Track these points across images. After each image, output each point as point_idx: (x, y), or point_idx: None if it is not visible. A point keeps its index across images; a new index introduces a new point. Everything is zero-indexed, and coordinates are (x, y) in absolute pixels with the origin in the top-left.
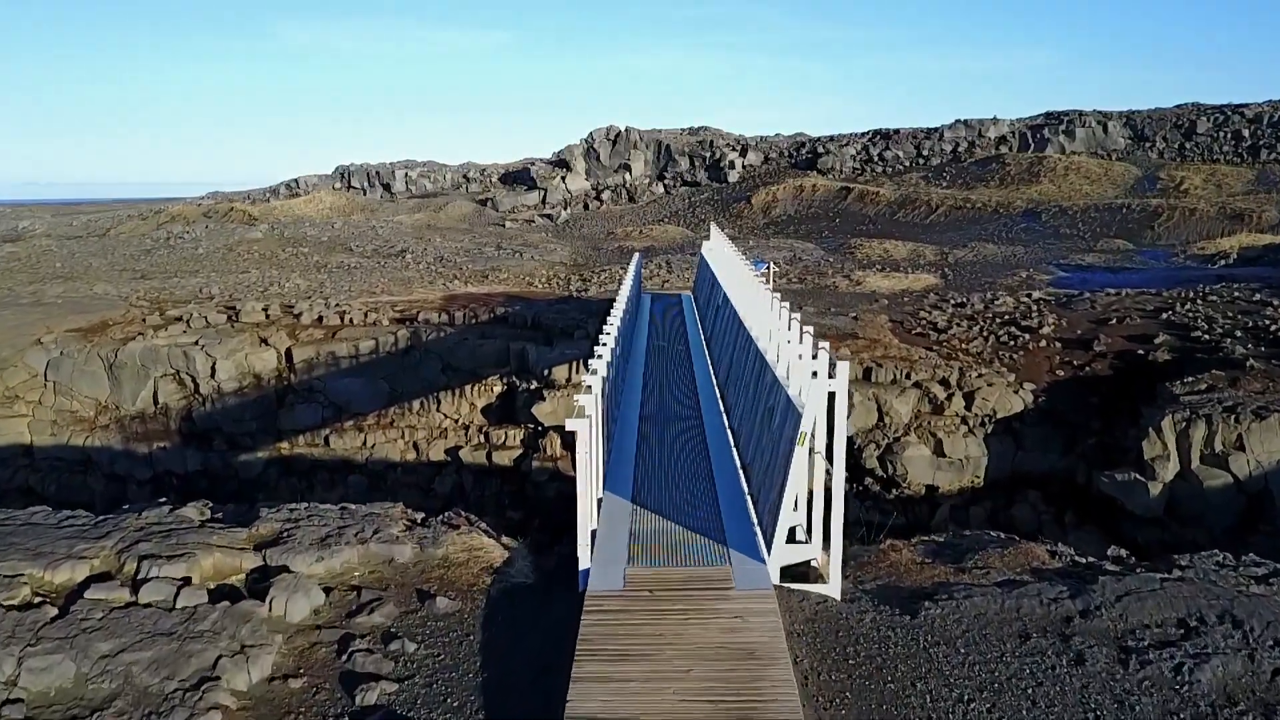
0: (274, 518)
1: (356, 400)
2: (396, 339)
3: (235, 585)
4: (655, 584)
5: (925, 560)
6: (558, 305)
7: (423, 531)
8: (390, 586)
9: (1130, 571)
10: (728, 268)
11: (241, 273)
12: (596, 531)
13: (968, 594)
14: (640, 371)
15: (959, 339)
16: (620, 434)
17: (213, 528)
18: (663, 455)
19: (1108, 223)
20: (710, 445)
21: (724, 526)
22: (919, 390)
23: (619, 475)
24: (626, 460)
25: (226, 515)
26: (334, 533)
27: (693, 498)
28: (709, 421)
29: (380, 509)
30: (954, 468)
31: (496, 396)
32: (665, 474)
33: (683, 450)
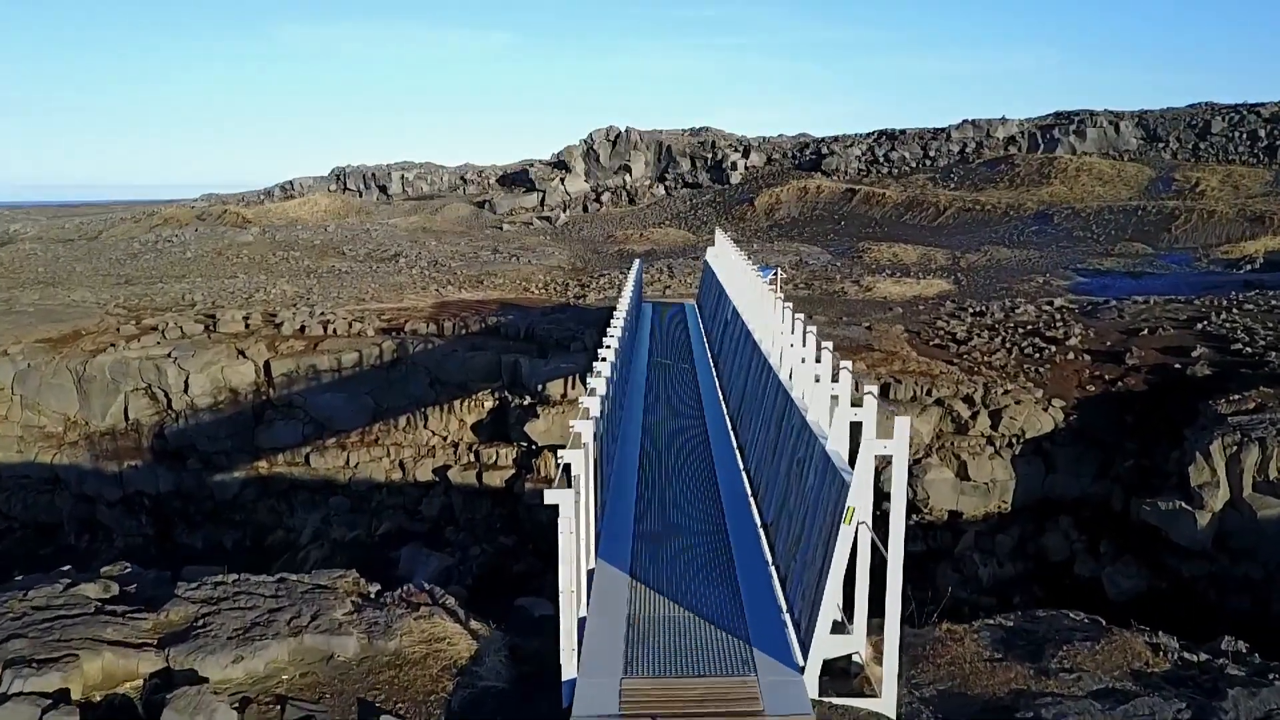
0: (192, 596)
1: (339, 416)
2: (381, 351)
3: (128, 696)
4: (660, 703)
5: (995, 655)
6: (554, 314)
7: (374, 614)
8: (326, 695)
9: (1263, 677)
10: (735, 278)
11: (229, 278)
12: (586, 620)
13: (1058, 710)
14: (640, 396)
15: (980, 351)
16: (617, 481)
17: (112, 612)
18: (667, 508)
19: (1123, 225)
20: (723, 494)
21: (745, 611)
22: (941, 408)
23: (615, 536)
24: (624, 514)
25: (141, 587)
26: (262, 619)
27: (705, 569)
28: (721, 461)
29: (327, 579)
30: (979, 492)
31: (487, 413)
32: (671, 535)
33: (691, 502)
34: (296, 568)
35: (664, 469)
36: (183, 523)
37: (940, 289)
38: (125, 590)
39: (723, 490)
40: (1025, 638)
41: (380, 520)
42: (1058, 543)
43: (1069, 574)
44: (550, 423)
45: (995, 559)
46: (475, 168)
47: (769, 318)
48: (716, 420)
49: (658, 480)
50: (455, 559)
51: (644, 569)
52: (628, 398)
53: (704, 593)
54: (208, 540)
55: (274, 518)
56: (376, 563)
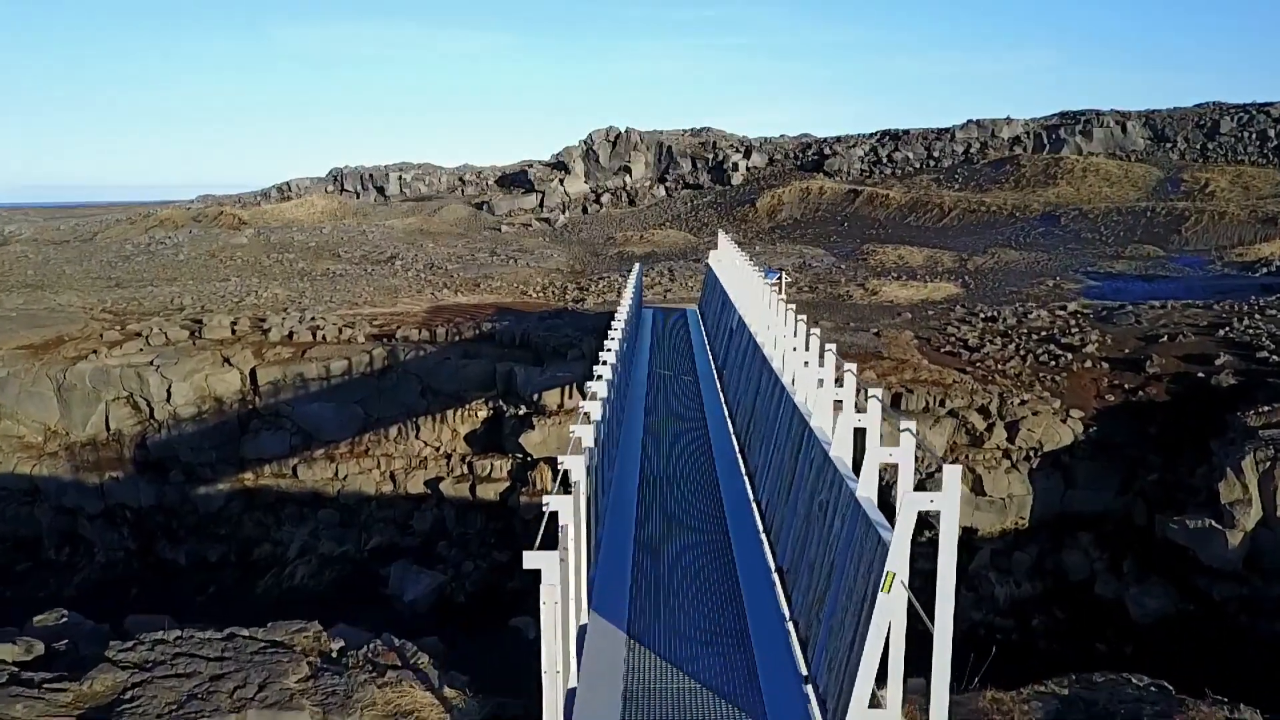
0: (124, 660)
1: (327, 426)
2: (372, 358)
3: None
4: None
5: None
6: (550, 320)
7: (333, 680)
8: None
9: None
10: (740, 285)
11: (221, 281)
12: (575, 692)
13: None
14: (640, 413)
15: (994, 359)
16: (612, 518)
17: (29, 681)
18: (669, 549)
19: (1131, 227)
20: (732, 533)
21: (759, 677)
22: (955, 420)
23: (610, 582)
24: (620, 560)
25: (72, 643)
26: (201, 689)
27: (712, 624)
28: (728, 492)
29: (284, 633)
30: (995, 508)
31: (481, 423)
32: (673, 580)
33: (696, 542)
34: (282, 583)
35: (665, 503)
36: (166, 537)
37: (948, 292)
38: (52, 648)
39: (732, 527)
40: (1084, 710)
41: (370, 534)
42: (1078, 561)
43: (1090, 594)
44: (546, 434)
45: (1012, 578)
46: (474, 169)
47: (779, 330)
48: (723, 442)
49: (657, 514)
50: (447, 576)
51: (643, 627)
52: (626, 411)
53: (712, 657)
54: (192, 555)
55: (260, 531)
56: (365, 579)
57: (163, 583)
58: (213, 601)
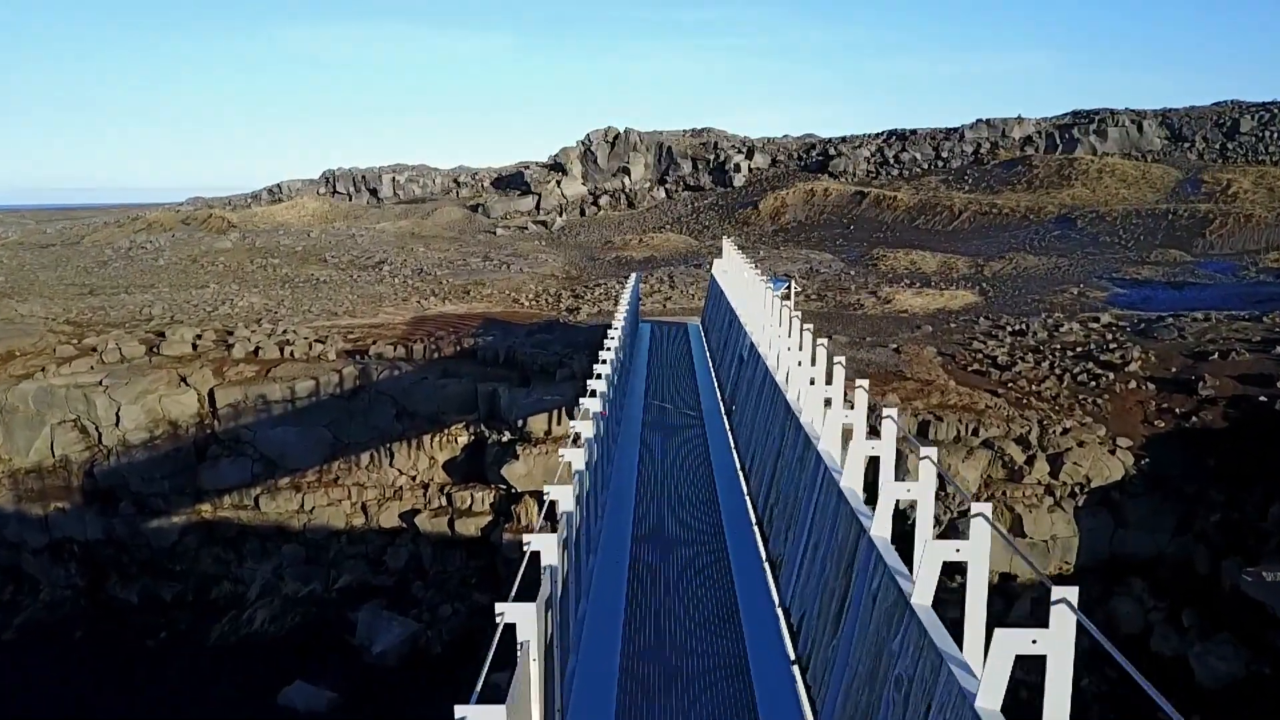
0: None
1: (292, 453)
2: (342, 378)
3: None
4: None
5: None
6: (539, 334)
7: None
8: None
9: None
10: (752, 304)
11: (199, 288)
12: None
13: None
14: (634, 457)
15: (1027, 379)
16: (594, 607)
17: None
18: (667, 659)
19: (1152, 230)
20: (745, 625)
21: None
22: (990, 451)
23: (592, 687)
24: (608, 657)
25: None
26: None
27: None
28: (742, 575)
29: None
30: (1037, 551)
31: (462, 449)
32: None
33: (702, 640)
34: (241, 629)
35: (663, 585)
36: (117, 573)
37: (966, 301)
38: None
39: (745, 619)
40: None
41: (339, 572)
42: (1131, 611)
43: (1146, 650)
44: (531, 465)
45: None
46: (469, 170)
47: (798, 368)
48: (733, 499)
49: (652, 598)
50: (422, 624)
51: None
52: (614, 468)
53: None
54: (145, 593)
55: (219, 568)
56: (332, 625)
57: (112, 624)
58: (166, 647)
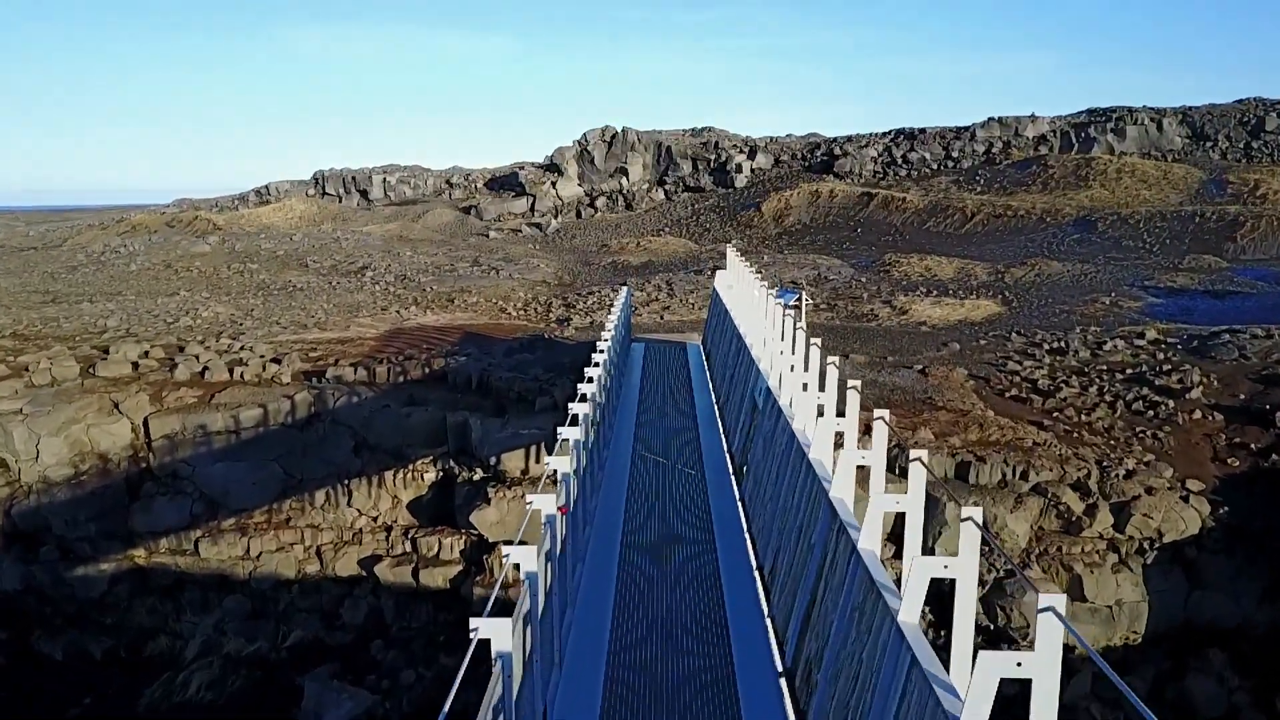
0: None
1: (237, 491)
2: (294, 404)
3: None
4: None
5: None
6: (520, 353)
7: None
8: None
9: None
10: (763, 328)
11: (168, 295)
12: None
13: None
14: (616, 540)
15: (1074, 407)
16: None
17: None
18: None
19: (1178, 233)
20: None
21: None
22: (1042, 499)
23: None
24: None
25: None
26: None
27: None
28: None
29: None
30: (1099, 618)
31: (428, 488)
32: None
33: None
34: (174, 694)
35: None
36: (40, 626)
37: (988, 311)
38: None
39: None
40: None
41: (288, 628)
42: (1209, 690)
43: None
44: (504, 511)
45: (1123, 713)
46: (463, 171)
47: (831, 426)
48: (747, 615)
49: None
50: (380, 695)
51: None
52: (584, 568)
53: None
54: (71, 649)
55: (156, 620)
56: (278, 691)
57: (34, 684)
58: (92, 713)
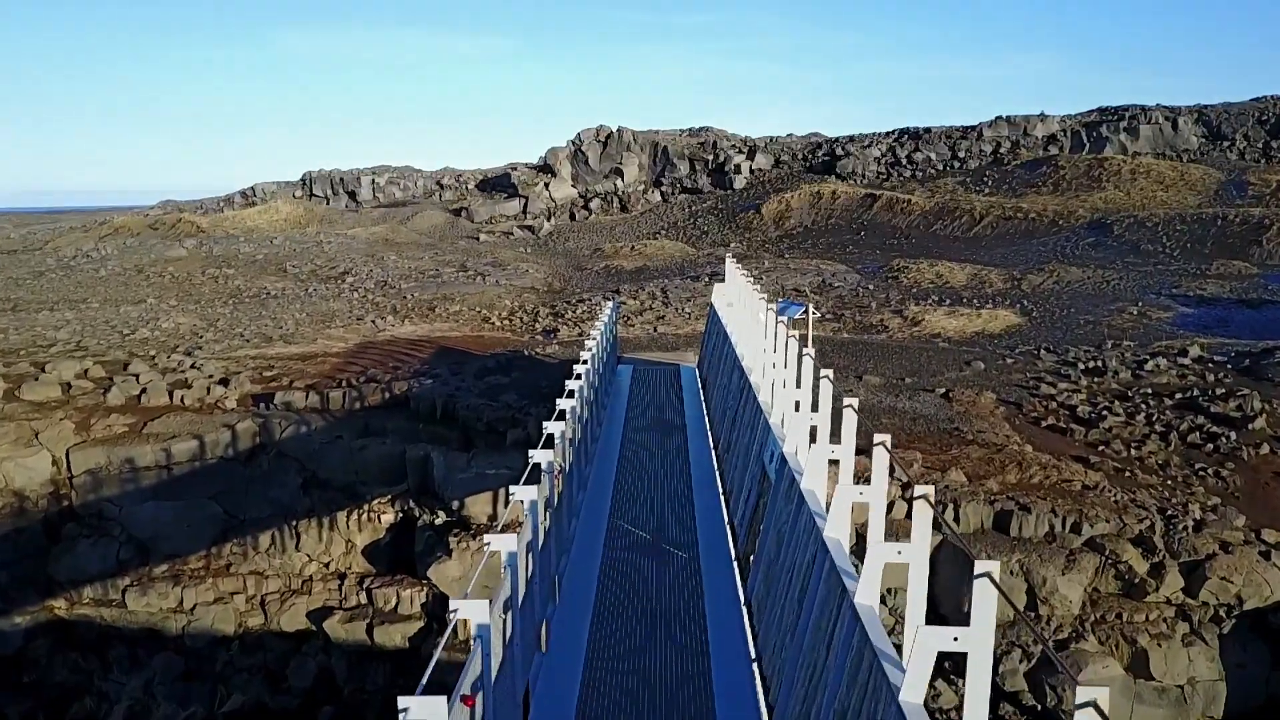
0: None
1: (170, 534)
2: (235, 435)
3: None
4: None
5: None
6: (494, 373)
7: None
8: None
9: None
10: (772, 371)
11: (134, 303)
12: None
13: None
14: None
15: (1121, 439)
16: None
17: None
18: None
19: (1199, 237)
20: None
21: None
22: (1098, 556)
23: None
24: None
25: None
26: None
27: None
28: None
29: None
30: (1168, 699)
31: (386, 530)
32: None
33: None
34: None
35: None
36: None
37: (1007, 322)
38: None
39: None
40: None
41: (227, 690)
42: None
43: None
44: (467, 565)
45: None
46: (454, 171)
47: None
48: None
49: None
50: None
51: None
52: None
53: None
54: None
55: (79, 678)
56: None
57: None
58: None
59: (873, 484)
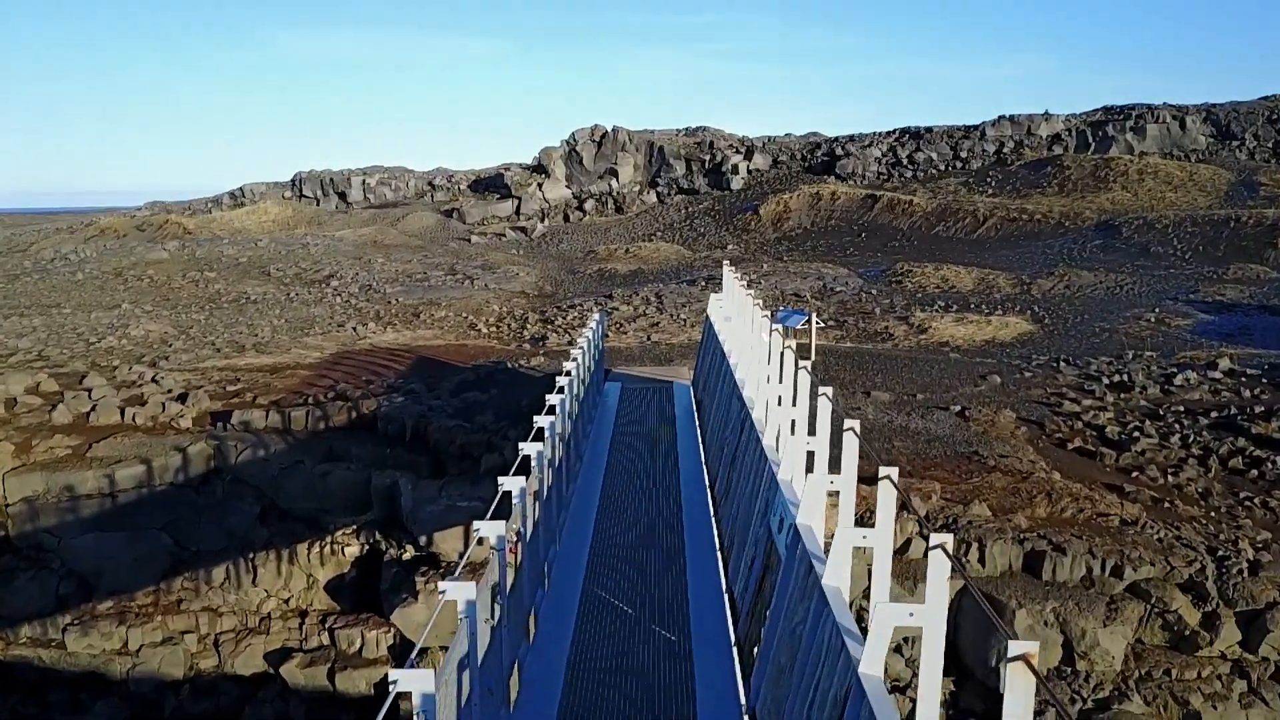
0: None
1: (114, 568)
2: (187, 459)
3: None
4: None
5: None
6: (472, 389)
7: None
8: None
9: None
10: (778, 410)
11: (108, 309)
12: None
13: None
14: None
15: (1157, 464)
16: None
17: None
18: None
19: (1212, 240)
20: None
21: None
22: (1143, 604)
23: None
24: None
25: None
26: None
27: None
28: None
29: None
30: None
31: (351, 564)
32: None
33: None
34: None
35: None
36: None
37: (1019, 330)
38: None
39: None
40: None
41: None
42: None
43: None
44: (434, 609)
45: None
46: (446, 172)
47: None
48: None
49: None
50: None
51: None
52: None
53: None
54: None
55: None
56: None
57: None
58: None
59: (878, 527)
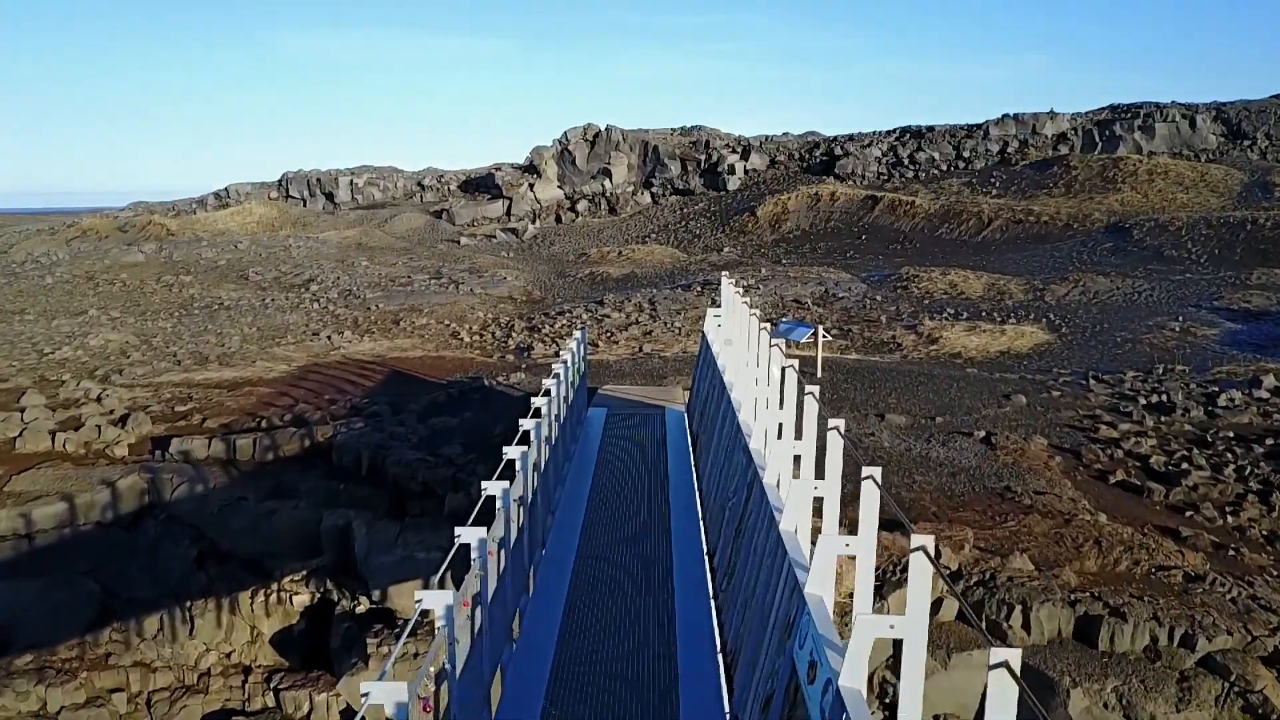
0: None
1: (33, 619)
2: (116, 494)
3: None
4: None
5: None
6: (442, 412)
7: None
8: None
9: None
10: (785, 455)
11: (72, 315)
12: None
13: None
14: None
15: (1212, 501)
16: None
17: None
18: None
19: (1228, 242)
20: None
21: None
22: (1220, 680)
23: None
24: None
25: None
26: None
27: None
28: None
29: None
30: None
31: (299, 615)
32: None
33: None
34: None
35: None
36: None
37: (1035, 340)
38: None
39: None
40: None
41: None
42: None
43: None
44: (391, 674)
45: None
46: (436, 172)
47: None
48: None
49: None
50: None
51: None
52: None
53: None
54: None
55: None
56: None
57: None
58: None
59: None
